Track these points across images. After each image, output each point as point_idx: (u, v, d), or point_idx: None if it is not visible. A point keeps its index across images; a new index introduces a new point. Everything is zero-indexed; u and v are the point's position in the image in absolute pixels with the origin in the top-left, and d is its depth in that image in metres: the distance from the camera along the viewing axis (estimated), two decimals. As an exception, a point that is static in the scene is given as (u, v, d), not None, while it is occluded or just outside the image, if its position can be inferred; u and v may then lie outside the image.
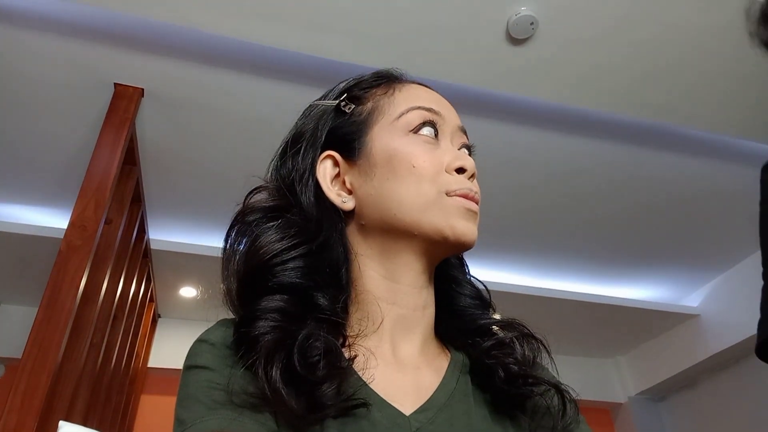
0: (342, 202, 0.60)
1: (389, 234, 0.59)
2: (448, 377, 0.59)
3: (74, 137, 2.40)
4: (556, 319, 3.54)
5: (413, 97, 0.63)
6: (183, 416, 0.48)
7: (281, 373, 0.47)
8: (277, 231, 0.57)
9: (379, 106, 0.63)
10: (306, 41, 2.00)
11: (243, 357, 0.50)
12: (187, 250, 3.03)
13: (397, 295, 0.59)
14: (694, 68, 2.12)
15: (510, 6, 1.89)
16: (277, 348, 0.49)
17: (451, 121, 0.63)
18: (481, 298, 0.67)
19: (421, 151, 0.59)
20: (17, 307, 3.29)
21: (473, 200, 0.59)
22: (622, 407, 4.12)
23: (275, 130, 2.68)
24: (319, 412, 0.48)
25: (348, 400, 0.49)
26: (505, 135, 2.50)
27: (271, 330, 0.50)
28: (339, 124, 0.63)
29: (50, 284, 1.67)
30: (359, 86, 0.65)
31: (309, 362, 0.49)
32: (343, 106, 0.63)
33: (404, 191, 0.57)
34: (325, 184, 0.60)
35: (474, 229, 0.58)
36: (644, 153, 2.62)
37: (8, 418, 1.44)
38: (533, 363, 0.60)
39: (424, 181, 0.57)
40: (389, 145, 0.60)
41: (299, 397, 0.47)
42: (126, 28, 2.02)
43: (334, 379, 0.49)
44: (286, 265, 0.55)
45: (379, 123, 0.61)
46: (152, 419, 3.36)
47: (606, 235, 3.18)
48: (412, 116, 0.61)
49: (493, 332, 0.62)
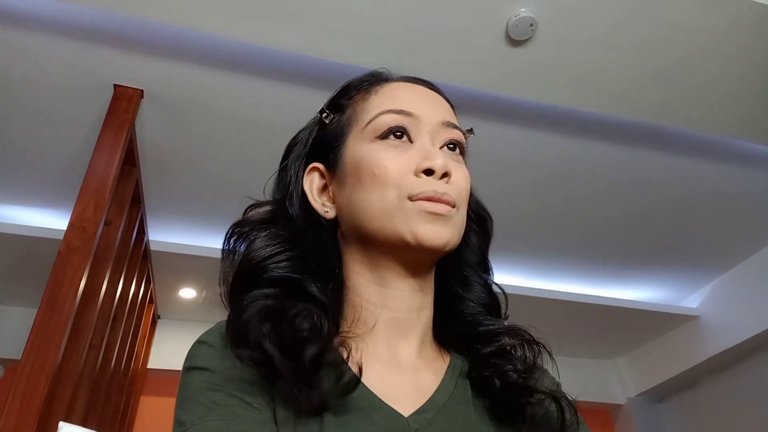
0: (325, 211, 0.62)
1: (365, 242, 0.59)
2: (446, 380, 0.59)
3: (74, 138, 2.40)
4: (556, 320, 3.54)
5: (387, 99, 0.62)
6: (182, 417, 0.48)
7: (269, 339, 0.49)
8: (265, 239, 0.59)
9: (355, 113, 0.63)
10: (305, 42, 2.00)
11: (233, 342, 0.51)
12: (187, 251, 3.03)
13: (388, 300, 0.59)
14: (693, 69, 2.12)
15: (509, 7, 1.89)
16: (266, 318, 0.51)
17: (430, 119, 0.61)
18: (489, 305, 0.65)
19: (384, 157, 0.58)
20: (16, 308, 3.29)
21: (440, 201, 0.56)
22: (622, 408, 4.12)
23: (275, 132, 2.69)
24: (311, 377, 0.48)
25: (342, 376, 0.50)
26: (505, 136, 2.50)
27: (261, 307, 0.52)
28: (321, 136, 0.65)
29: (50, 285, 1.67)
30: (344, 93, 0.66)
31: (297, 333, 0.50)
32: (324, 117, 0.65)
33: (367, 199, 0.57)
34: (310, 195, 0.62)
35: (442, 232, 0.55)
36: (643, 154, 2.63)
37: (7, 420, 1.44)
38: (534, 367, 0.59)
39: (387, 188, 0.56)
40: (356, 154, 0.60)
41: (290, 361, 0.48)
42: (126, 29, 2.02)
43: (320, 345, 0.50)
44: (274, 264, 0.57)
45: (353, 131, 0.62)
46: (152, 420, 3.36)
47: (605, 236, 3.18)
48: (380, 121, 0.60)
49: (494, 339, 0.60)
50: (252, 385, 0.50)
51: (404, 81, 0.65)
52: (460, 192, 0.59)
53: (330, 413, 0.50)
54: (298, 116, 0.69)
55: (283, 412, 0.50)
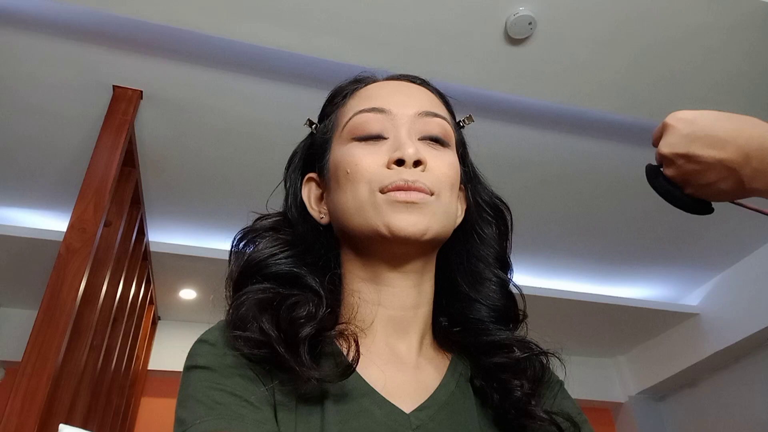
0: (321, 218, 0.63)
1: (353, 240, 0.60)
2: (448, 377, 0.58)
3: (73, 139, 2.40)
4: (556, 318, 3.54)
5: (363, 100, 0.63)
6: (183, 416, 0.48)
7: (267, 322, 0.51)
8: (268, 242, 0.61)
9: (336, 119, 0.64)
10: (304, 42, 2.00)
11: (232, 326, 0.53)
12: (187, 252, 3.03)
13: (383, 297, 0.59)
14: (693, 67, 2.12)
15: (508, 6, 1.89)
16: (265, 305, 0.53)
17: (404, 112, 0.60)
18: (500, 308, 0.63)
19: (357, 154, 0.58)
20: (17, 310, 3.28)
21: (411, 189, 0.55)
22: (623, 407, 4.12)
23: (274, 132, 2.68)
24: (308, 356, 0.49)
25: (340, 364, 0.51)
26: (504, 135, 2.50)
27: (260, 297, 0.54)
28: (311, 146, 0.67)
29: (50, 287, 1.67)
30: (329, 100, 0.68)
31: (295, 317, 0.51)
32: (312, 127, 0.67)
33: (343, 199, 0.58)
34: (308, 204, 0.64)
35: (416, 220, 0.54)
36: (643, 153, 2.62)
37: (8, 422, 1.44)
38: (540, 383, 0.58)
39: (359, 184, 0.57)
40: (335, 157, 0.61)
41: (287, 341, 0.50)
42: (125, 31, 2.02)
43: (315, 327, 0.51)
44: (274, 261, 0.59)
45: (335, 137, 0.63)
46: (152, 422, 3.36)
47: (605, 234, 3.18)
48: (354, 122, 0.60)
49: (501, 351, 0.59)
50: (253, 384, 0.50)
51: (385, 80, 0.66)
52: (439, 178, 0.58)
53: (331, 409, 0.50)
54: (297, 116, 0.69)
55: (284, 402, 0.50)
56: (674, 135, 0.57)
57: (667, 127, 0.58)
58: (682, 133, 0.56)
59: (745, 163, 0.52)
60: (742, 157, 0.52)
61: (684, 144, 0.56)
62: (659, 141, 0.59)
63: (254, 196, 0.68)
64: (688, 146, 0.55)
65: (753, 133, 0.52)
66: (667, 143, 0.57)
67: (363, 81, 0.66)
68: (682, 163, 0.56)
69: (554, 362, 0.62)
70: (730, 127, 0.54)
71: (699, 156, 0.54)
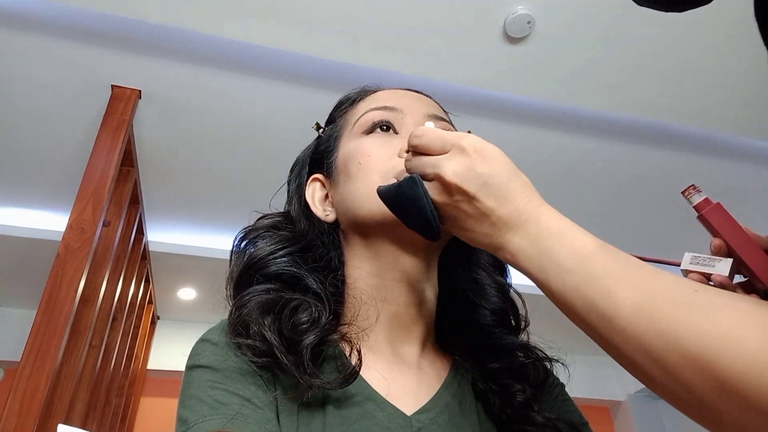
0: (325, 215, 0.64)
1: (361, 233, 0.60)
2: (450, 380, 0.58)
3: (72, 139, 2.40)
4: (555, 317, 3.53)
5: (372, 100, 0.65)
6: (185, 416, 0.48)
7: (270, 329, 0.51)
8: (269, 240, 0.62)
9: (345, 119, 0.66)
10: (304, 42, 2.00)
11: (234, 332, 0.53)
12: (186, 251, 3.03)
13: (386, 292, 0.59)
14: (692, 66, 2.13)
15: (507, 5, 1.89)
16: (266, 310, 0.53)
17: (416, 112, 0.63)
18: (503, 311, 0.64)
19: (370, 146, 0.60)
20: (16, 310, 3.28)
21: None
22: (622, 405, 4.12)
23: (273, 132, 2.68)
24: (311, 364, 0.49)
25: (342, 368, 0.51)
26: (503, 134, 2.50)
27: (262, 300, 0.54)
28: (318, 148, 0.68)
29: (49, 287, 1.67)
30: (336, 107, 0.70)
31: (297, 323, 0.52)
32: (319, 131, 0.69)
33: (355, 188, 0.59)
34: (312, 203, 0.65)
35: None
36: (642, 151, 2.63)
37: (7, 422, 1.44)
38: (543, 387, 0.59)
39: (372, 173, 0.58)
40: (345, 152, 0.63)
41: (290, 350, 0.50)
42: (123, 30, 2.01)
43: (318, 334, 0.52)
44: (273, 259, 0.59)
45: (344, 135, 0.65)
46: (151, 421, 3.35)
47: (603, 232, 3.15)
48: (365, 118, 0.63)
49: (505, 355, 0.60)
50: (255, 383, 0.50)
51: (393, 89, 0.68)
52: None
53: (332, 411, 0.50)
54: (296, 116, 0.70)
55: (286, 405, 0.50)
56: (467, 168, 0.46)
57: (461, 151, 0.47)
58: (476, 170, 0.46)
59: (517, 228, 0.45)
60: (516, 220, 0.45)
61: (475, 183, 0.46)
62: (437, 154, 0.49)
63: (253, 195, 0.68)
64: (478, 188, 0.46)
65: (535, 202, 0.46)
66: (457, 173, 0.46)
67: (371, 90, 0.69)
68: (461, 200, 0.47)
69: (558, 367, 0.62)
70: (520, 186, 0.46)
71: (481, 203, 0.46)
